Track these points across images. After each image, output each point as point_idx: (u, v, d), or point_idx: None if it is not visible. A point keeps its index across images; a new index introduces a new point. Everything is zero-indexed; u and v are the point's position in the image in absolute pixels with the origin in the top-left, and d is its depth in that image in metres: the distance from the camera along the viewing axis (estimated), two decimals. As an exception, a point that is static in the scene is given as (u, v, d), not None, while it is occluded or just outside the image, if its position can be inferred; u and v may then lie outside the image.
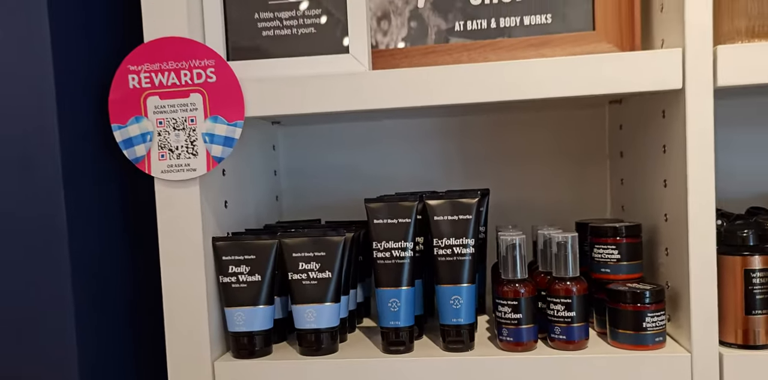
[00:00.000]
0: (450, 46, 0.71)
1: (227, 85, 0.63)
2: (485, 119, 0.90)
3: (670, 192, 0.64)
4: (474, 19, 0.71)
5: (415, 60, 0.72)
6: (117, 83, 0.63)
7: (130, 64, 0.63)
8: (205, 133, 0.63)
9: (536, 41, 0.70)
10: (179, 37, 0.62)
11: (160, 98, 0.63)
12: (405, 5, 0.72)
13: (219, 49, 0.66)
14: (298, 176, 0.93)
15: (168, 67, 0.63)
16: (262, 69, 0.65)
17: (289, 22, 0.66)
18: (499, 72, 0.61)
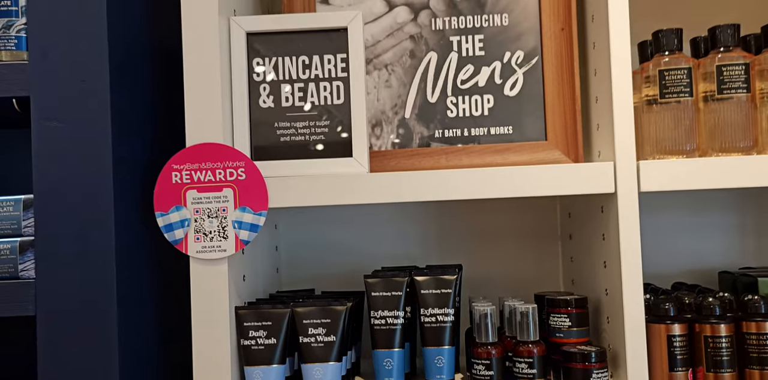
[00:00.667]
0: (431, 150, 0.88)
1: (254, 182, 0.77)
2: (460, 204, 1.06)
3: (609, 272, 0.79)
4: (450, 128, 0.88)
5: (403, 160, 0.88)
6: (162, 179, 0.77)
7: (174, 164, 0.77)
8: (235, 220, 0.77)
9: (500, 147, 0.87)
10: (216, 144, 0.77)
11: (198, 192, 0.77)
12: (395, 116, 0.89)
13: (245, 151, 0.80)
14: (295, 251, 1.07)
15: (205, 166, 0.77)
16: (282, 169, 0.80)
17: (303, 130, 0.82)
18: (471, 177, 0.77)
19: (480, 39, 0.88)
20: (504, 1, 0.87)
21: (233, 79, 0.81)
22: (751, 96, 0.75)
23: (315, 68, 0.82)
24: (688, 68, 0.75)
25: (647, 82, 0.77)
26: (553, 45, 0.86)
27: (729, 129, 0.74)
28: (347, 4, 0.89)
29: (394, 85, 0.89)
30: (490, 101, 0.87)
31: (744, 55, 0.75)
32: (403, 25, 0.89)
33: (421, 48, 0.89)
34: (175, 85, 0.82)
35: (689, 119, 0.75)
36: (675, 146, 0.76)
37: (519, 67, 0.87)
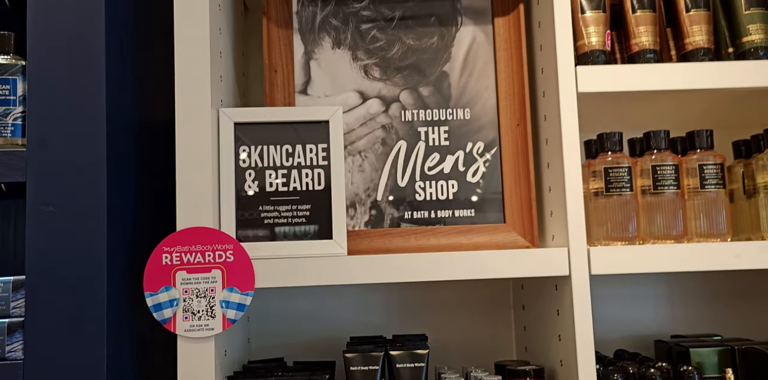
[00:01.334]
0: (402, 230, 0.95)
1: (242, 264, 0.82)
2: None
3: (564, 345, 0.88)
4: (419, 210, 0.96)
5: (376, 239, 0.95)
6: (152, 260, 0.81)
7: (165, 246, 0.81)
8: (223, 300, 0.81)
9: (464, 229, 0.95)
10: (207, 228, 0.82)
11: (187, 273, 0.81)
12: (367, 198, 0.96)
13: (231, 233, 0.86)
14: (264, 321, 1.11)
15: (195, 249, 0.82)
16: (266, 250, 0.86)
17: (285, 213, 0.88)
18: (438, 260, 0.84)
19: (445, 130, 0.97)
20: (466, 98, 0.98)
21: (221, 166, 0.87)
22: (680, 192, 0.87)
23: (298, 156, 0.89)
24: (628, 167, 0.86)
25: (594, 177, 0.88)
26: (509, 138, 0.96)
27: (663, 220, 0.86)
28: (324, 95, 0.97)
29: (367, 170, 0.97)
30: (455, 186, 0.96)
31: (673, 157, 0.87)
32: (375, 115, 0.97)
33: (392, 137, 0.97)
34: (165, 167, 0.87)
35: (630, 210, 0.86)
36: (619, 233, 0.86)
37: (480, 156, 0.97)
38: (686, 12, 0.89)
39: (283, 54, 0.97)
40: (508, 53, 0.97)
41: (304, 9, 0.98)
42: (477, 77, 0.98)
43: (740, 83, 0.84)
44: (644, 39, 0.88)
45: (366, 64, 0.98)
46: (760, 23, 0.88)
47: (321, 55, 0.98)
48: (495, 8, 0.99)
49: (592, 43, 0.87)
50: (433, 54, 0.98)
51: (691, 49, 0.89)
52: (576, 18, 0.88)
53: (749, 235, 0.92)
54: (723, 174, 0.86)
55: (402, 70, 0.98)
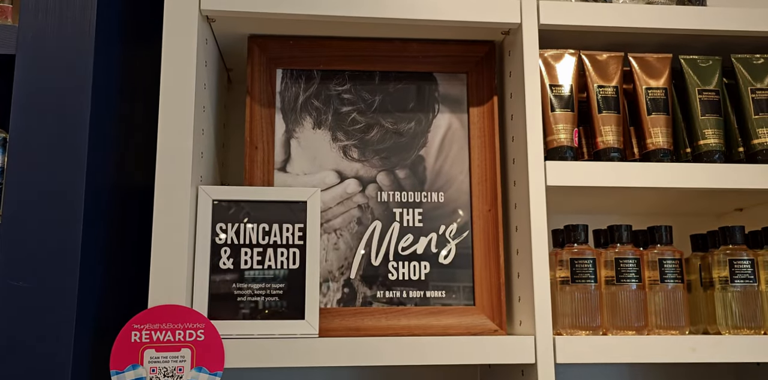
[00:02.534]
0: (373, 310, 0.97)
1: (212, 343, 0.82)
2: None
3: (528, 432, 0.89)
4: (391, 290, 0.98)
5: (347, 318, 0.96)
6: (121, 338, 0.80)
7: (135, 323, 0.81)
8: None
9: (434, 310, 0.97)
10: (179, 306, 0.82)
11: (156, 351, 0.81)
12: (341, 275, 0.98)
13: (202, 310, 0.85)
14: None
15: (166, 327, 0.81)
16: (238, 328, 0.86)
17: (259, 292, 0.89)
18: (408, 345, 0.85)
19: (419, 212, 1.00)
20: (440, 182, 1.02)
21: (197, 243, 0.87)
22: (642, 284, 0.91)
23: (274, 235, 0.90)
24: (593, 259, 0.90)
25: (560, 266, 0.92)
26: (481, 223, 1.00)
27: (625, 311, 0.89)
28: (303, 173, 1.00)
29: (341, 248, 0.99)
30: (427, 268, 0.99)
31: (634, 250, 0.92)
32: (352, 195, 1.00)
33: (367, 216, 1.00)
34: (139, 237, 0.87)
35: (595, 300, 0.90)
36: (584, 323, 0.89)
37: (452, 239, 1.00)
38: (648, 115, 0.96)
39: (264, 132, 1.00)
40: (481, 141, 1.02)
41: (287, 89, 1.02)
42: (452, 162, 1.02)
43: (694, 184, 0.90)
44: (609, 138, 0.94)
45: (345, 145, 1.01)
46: (714, 128, 0.95)
47: (302, 134, 1.01)
48: (470, 98, 1.04)
49: (561, 139, 0.93)
50: (410, 138, 1.02)
51: (652, 148, 0.95)
52: (546, 115, 0.94)
53: (706, 326, 0.96)
54: (681, 269, 0.91)
55: (380, 153, 1.01)
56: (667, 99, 0.96)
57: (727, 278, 0.91)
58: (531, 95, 0.92)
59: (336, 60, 1.03)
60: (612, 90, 0.96)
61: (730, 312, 0.90)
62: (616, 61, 0.98)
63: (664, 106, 0.96)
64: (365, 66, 1.03)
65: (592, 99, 0.96)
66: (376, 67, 1.04)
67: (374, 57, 1.03)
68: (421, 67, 1.04)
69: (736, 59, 0.99)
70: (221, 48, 1.05)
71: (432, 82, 1.05)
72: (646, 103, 0.96)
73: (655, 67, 0.98)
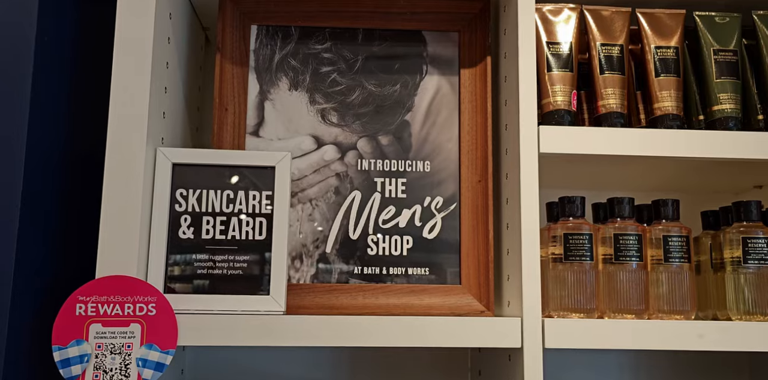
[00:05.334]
0: (349, 287, 0.89)
1: (165, 319, 0.75)
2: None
3: (512, 423, 0.81)
4: (370, 266, 0.90)
5: (320, 295, 0.88)
6: (65, 310, 0.73)
7: (80, 295, 0.74)
8: (139, 358, 0.73)
9: (416, 288, 0.89)
10: (128, 277, 0.75)
11: (103, 326, 0.74)
12: (315, 250, 0.90)
13: (159, 284, 0.78)
14: (202, 375, 1.02)
15: (114, 300, 0.74)
16: (196, 303, 0.78)
17: (221, 264, 0.81)
18: (386, 325, 0.77)
19: (403, 182, 0.92)
20: (427, 150, 0.93)
21: (154, 209, 0.80)
22: (643, 264, 0.82)
23: (239, 203, 0.82)
24: (590, 235, 0.81)
25: (554, 242, 0.83)
26: (470, 195, 0.91)
27: (624, 293, 0.80)
28: (277, 138, 0.92)
29: (317, 220, 0.91)
30: (410, 242, 0.91)
31: (637, 226, 0.83)
32: (330, 162, 0.92)
33: (346, 186, 0.92)
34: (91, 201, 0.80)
35: (590, 281, 0.81)
36: (577, 305, 0.81)
37: (438, 212, 0.91)
38: (656, 76, 0.86)
39: (236, 93, 0.92)
40: (473, 106, 0.93)
41: (262, 47, 0.94)
42: (440, 129, 0.94)
43: (706, 153, 0.81)
44: (612, 101, 0.85)
45: (324, 108, 0.93)
46: (731, 93, 0.85)
47: (277, 96, 0.93)
48: (462, 59, 0.95)
49: (558, 102, 0.84)
50: (395, 102, 0.94)
51: (659, 114, 0.85)
52: (542, 76, 0.85)
53: (715, 311, 0.87)
54: (688, 248, 0.82)
55: (361, 117, 0.93)
56: (678, 60, 0.86)
57: (739, 259, 0.81)
58: (525, 53, 0.82)
59: (316, 16, 0.94)
60: (617, 49, 0.86)
61: (741, 296, 0.81)
62: (622, 18, 0.88)
63: (674, 67, 0.86)
64: (347, 23, 0.95)
65: (594, 59, 0.86)
66: (360, 24, 0.95)
67: (357, 13, 0.94)
68: (408, 25, 0.95)
69: (758, 16, 0.89)
70: (195, 5, 0.97)
71: (420, 41, 0.96)
72: (654, 63, 0.86)
73: (666, 24, 0.88)
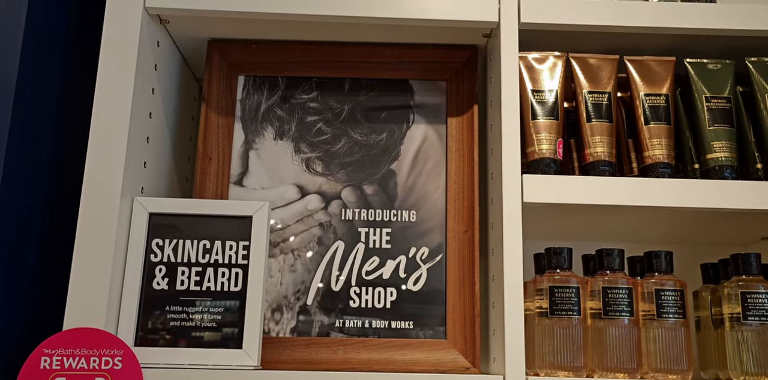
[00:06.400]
0: (329, 340, 0.86)
1: (130, 373, 0.72)
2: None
3: None
4: (351, 319, 0.87)
5: (299, 350, 0.85)
6: (29, 364, 0.71)
7: (46, 348, 0.72)
8: (101, 416, 0.71)
9: (399, 343, 0.85)
10: (95, 329, 0.73)
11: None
12: (296, 301, 0.88)
13: (129, 335, 0.76)
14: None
15: (80, 353, 0.72)
16: (167, 356, 0.76)
17: (195, 316, 0.79)
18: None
19: (387, 232, 0.90)
20: (413, 199, 0.91)
21: (128, 259, 0.79)
22: (634, 319, 0.77)
23: (215, 253, 0.81)
24: (577, 287, 0.78)
25: (540, 295, 0.79)
26: (456, 246, 0.88)
27: (614, 350, 0.76)
28: (261, 188, 0.91)
29: (299, 271, 0.89)
30: (393, 295, 0.88)
31: (627, 279, 0.79)
32: (313, 212, 0.91)
33: (329, 236, 0.90)
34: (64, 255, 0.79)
35: (577, 336, 0.77)
36: (564, 362, 0.76)
37: (423, 263, 0.89)
38: (645, 124, 0.84)
39: (221, 142, 0.92)
40: (459, 154, 0.92)
41: (248, 97, 0.94)
42: (426, 178, 0.92)
43: (699, 203, 0.77)
44: (599, 150, 0.82)
45: (309, 157, 0.92)
46: (725, 141, 0.83)
47: (262, 145, 0.92)
48: (450, 107, 0.94)
49: (543, 150, 0.82)
50: (380, 151, 0.93)
51: (650, 163, 0.83)
52: (527, 124, 0.83)
53: (717, 371, 0.82)
54: (683, 302, 0.77)
55: (346, 166, 0.92)
56: (668, 107, 0.84)
57: (739, 315, 0.77)
58: (508, 100, 0.81)
59: (302, 66, 0.95)
60: (604, 97, 0.85)
61: (742, 355, 0.76)
62: (610, 65, 0.87)
63: (665, 114, 0.84)
64: (334, 73, 0.95)
65: (581, 106, 0.84)
66: (346, 73, 0.95)
67: (343, 63, 0.95)
68: (395, 74, 0.95)
69: (752, 63, 0.87)
70: (186, 55, 0.99)
71: (407, 90, 0.95)
72: (643, 110, 0.84)
73: (655, 71, 0.86)
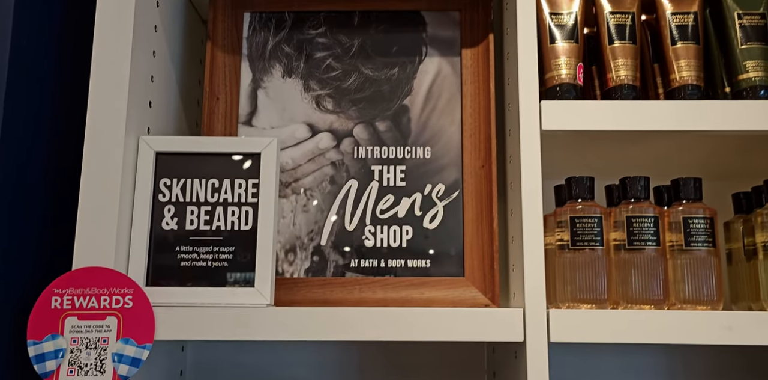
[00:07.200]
0: (345, 280, 0.84)
1: (142, 312, 0.71)
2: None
3: (519, 427, 0.74)
4: (367, 258, 0.85)
5: (313, 290, 0.83)
6: (40, 304, 0.71)
7: (56, 287, 0.71)
8: (115, 353, 0.70)
9: (417, 282, 0.83)
10: (104, 268, 0.72)
11: (78, 319, 0.71)
12: (310, 242, 0.86)
13: (140, 276, 0.75)
14: (203, 376, 0.99)
15: (90, 292, 0.71)
16: (178, 296, 0.75)
17: (205, 256, 0.78)
18: (381, 317, 0.72)
19: (402, 170, 0.87)
20: (427, 135, 0.88)
21: (136, 199, 0.77)
22: (661, 249, 0.74)
23: (224, 192, 0.79)
24: (599, 217, 0.74)
25: (560, 227, 0.76)
26: (473, 181, 0.85)
27: (639, 281, 0.72)
28: (270, 127, 0.88)
29: (311, 211, 0.86)
30: (409, 233, 0.85)
31: (653, 208, 0.75)
32: (325, 151, 0.88)
33: (341, 175, 0.87)
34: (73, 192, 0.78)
35: (600, 268, 0.73)
36: (586, 295, 0.73)
37: (439, 200, 0.86)
38: (672, 45, 0.78)
39: (228, 81, 0.89)
40: (475, 87, 0.88)
41: (255, 34, 0.91)
42: (440, 113, 0.88)
43: (729, 126, 0.72)
44: (622, 73, 0.77)
45: (318, 94, 0.89)
46: (759, 59, 0.77)
47: (270, 83, 0.89)
48: (464, 39, 0.90)
49: (562, 75, 0.77)
50: (393, 86, 0.89)
51: (676, 85, 0.78)
52: (544, 48, 0.78)
53: (750, 303, 0.78)
54: (713, 231, 0.73)
55: (357, 103, 0.89)
56: (697, 25, 0.79)
57: (773, 243, 0.72)
58: (524, 24, 0.76)
59: (310, 0, 0.91)
60: (627, 18, 0.79)
61: (776, 283, 0.72)
62: (634, -15, 0.81)
63: (693, 34, 0.78)
64: (342, 6, 0.91)
65: (602, 28, 0.79)
66: (355, 6, 0.91)
67: (352, -5, 0.90)
68: (406, 6, 0.91)
69: (789, -24, 0.80)
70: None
71: (419, 22, 0.91)
72: (670, 31, 0.78)
73: (683, -11, 0.80)
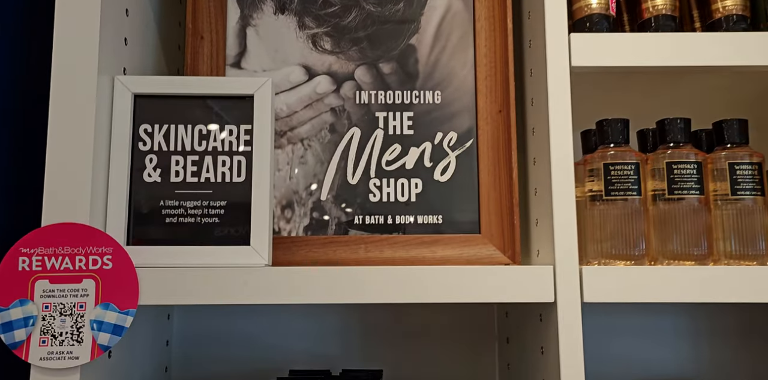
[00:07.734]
0: (348, 238, 0.76)
1: (123, 273, 0.63)
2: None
3: (546, 394, 0.67)
4: (372, 215, 0.77)
5: (315, 249, 0.75)
6: (5, 265, 0.62)
7: (23, 247, 0.63)
8: (94, 320, 0.62)
9: (428, 239, 0.76)
10: (79, 224, 0.63)
11: (50, 282, 0.62)
12: (309, 197, 0.77)
13: (120, 234, 0.67)
14: (191, 346, 0.91)
15: (63, 252, 0.63)
16: (164, 256, 0.66)
17: (193, 211, 0.69)
18: (391, 276, 0.64)
19: (409, 116, 0.78)
20: (437, 77, 0.79)
21: (113, 148, 0.68)
22: (704, 198, 0.66)
23: (213, 140, 0.70)
24: (636, 163, 0.66)
25: (591, 176, 0.68)
26: (489, 128, 0.77)
27: (681, 234, 0.65)
28: (262, 70, 0.79)
29: (310, 163, 0.78)
30: (418, 186, 0.77)
31: (696, 153, 0.67)
32: (323, 96, 0.79)
33: (342, 123, 0.78)
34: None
35: (637, 220, 0.66)
36: (622, 250, 0.66)
37: (451, 150, 0.77)
38: (715, -30, 0.70)
39: (212, 18, 0.79)
40: (490, 23, 0.79)
41: (242, -35, 0.81)
42: (451, 53, 0.79)
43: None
44: (659, 2, 0.69)
45: (315, 33, 0.80)
46: (809, -13, 0.69)
47: (260, 21, 0.80)
48: (477, -31, 0.80)
49: (592, 5, 0.68)
50: (397, 23, 0.80)
51: (719, 16, 0.69)
52: (573, -26, 0.69)
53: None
54: (761, 177, 0.66)
55: (359, 42, 0.79)
56: (743, -51, 0.70)
57: (828, 191, 0.65)
58: (550, -55, 0.67)
59: (302, -75, 0.80)
60: (665, -60, 0.70)
61: (832, 235, 0.65)
62: None
63: (739, -42, 0.70)
64: (340, -68, 0.81)
65: (637, -48, 0.70)
66: (355, -67, 0.81)
67: None
68: (412, -68, 0.81)
69: None
70: (167, -77, 0.85)
71: (427, -50, 0.81)
72: (712, -45, 0.70)
73: None
